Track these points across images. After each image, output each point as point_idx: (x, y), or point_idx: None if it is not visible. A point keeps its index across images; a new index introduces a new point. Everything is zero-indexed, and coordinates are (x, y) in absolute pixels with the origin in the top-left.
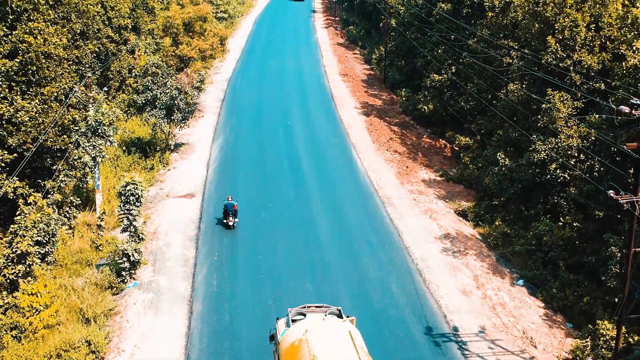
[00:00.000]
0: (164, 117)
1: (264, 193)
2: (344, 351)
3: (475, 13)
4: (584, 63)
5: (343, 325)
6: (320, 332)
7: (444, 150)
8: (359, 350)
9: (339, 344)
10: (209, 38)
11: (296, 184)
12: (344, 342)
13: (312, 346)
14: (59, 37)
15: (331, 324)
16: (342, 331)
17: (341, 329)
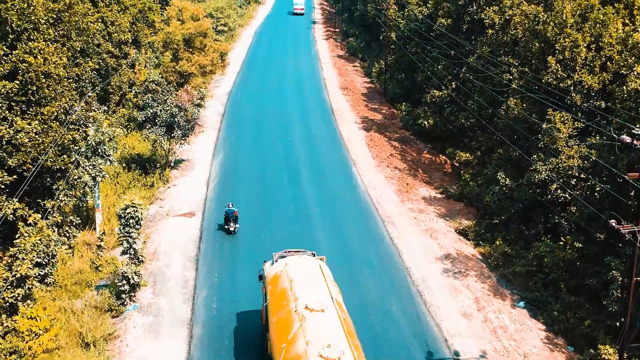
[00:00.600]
0: (164, 134)
1: (264, 211)
2: (314, 277)
3: (475, 29)
4: (585, 83)
5: (315, 261)
6: (296, 265)
7: (444, 166)
8: (326, 277)
9: (310, 273)
10: (209, 54)
11: (296, 201)
12: (315, 272)
13: (290, 274)
14: (59, 56)
15: (305, 260)
16: (313, 265)
17: (313, 263)
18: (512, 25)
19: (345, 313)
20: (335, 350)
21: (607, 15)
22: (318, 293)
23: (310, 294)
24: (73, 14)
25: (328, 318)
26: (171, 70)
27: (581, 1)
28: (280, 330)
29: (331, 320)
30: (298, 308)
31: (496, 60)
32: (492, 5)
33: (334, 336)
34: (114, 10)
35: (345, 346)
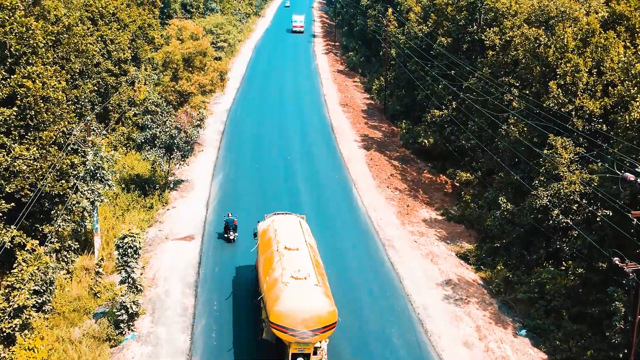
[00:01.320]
0: (163, 156)
1: None
2: (294, 229)
3: (476, 49)
4: (586, 108)
5: (296, 218)
6: (281, 221)
7: (444, 186)
8: (303, 229)
9: (291, 226)
10: (208, 73)
11: None
12: (295, 226)
13: (275, 226)
14: (58, 79)
15: (289, 217)
16: (294, 221)
17: (294, 220)
18: (513, 47)
19: (316, 253)
20: (303, 273)
21: (608, 40)
22: (295, 238)
23: (289, 239)
24: (72, 35)
25: (301, 255)
26: (171, 89)
27: (582, 25)
28: (265, 265)
29: (303, 256)
30: (279, 249)
31: (496, 81)
32: (493, 26)
33: (304, 265)
34: (113, 29)
35: (311, 271)
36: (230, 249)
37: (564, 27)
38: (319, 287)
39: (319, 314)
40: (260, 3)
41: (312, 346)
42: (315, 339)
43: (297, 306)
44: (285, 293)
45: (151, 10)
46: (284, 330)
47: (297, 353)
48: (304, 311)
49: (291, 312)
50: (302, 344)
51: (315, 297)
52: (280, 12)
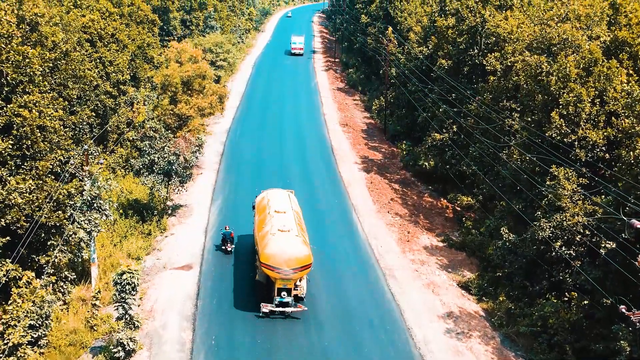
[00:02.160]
0: (161, 182)
1: None
2: (283, 199)
3: (477, 72)
4: (589, 139)
5: (286, 192)
6: (273, 193)
7: (445, 211)
8: (291, 199)
9: (281, 197)
10: (207, 96)
11: None
12: (284, 197)
13: (268, 197)
14: (55, 107)
15: (280, 191)
16: (284, 194)
17: (284, 193)
18: (514, 72)
19: (300, 216)
20: (287, 227)
21: (611, 70)
22: (283, 205)
23: (279, 205)
24: (69, 61)
25: (287, 216)
26: (169, 112)
27: (585, 54)
28: (259, 224)
29: (288, 217)
30: (270, 212)
31: (498, 106)
32: (494, 51)
33: (288, 223)
34: (112, 50)
35: (294, 227)
36: (228, 279)
37: (566, 56)
38: (299, 237)
39: (298, 256)
40: (260, 18)
41: (293, 282)
42: (295, 276)
43: (281, 250)
44: (273, 241)
45: (150, 29)
46: (271, 268)
47: (281, 288)
48: (286, 254)
49: (276, 254)
50: (285, 280)
51: (295, 244)
52: (280, 27)
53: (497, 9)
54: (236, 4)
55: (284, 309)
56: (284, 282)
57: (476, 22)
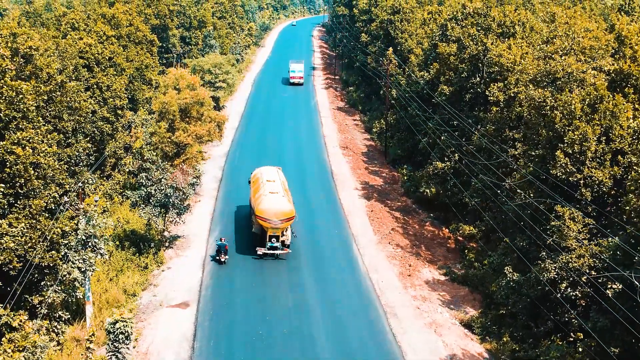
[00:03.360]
0: (158, 215)
1: (263, 304)
2: (273, 172)
3: (479, 100)
4: (595, 178)
5: (275, 168)
6: (265, 169)
7: (447, 241)
8: (279, 173)
9: (272, 172)
10: (206, 123)
11: (296, 291)
12: (274, 172)
13: (261, 171)
14: (50, 142)
15: (270, 167)
16: (274, 169)
17: (274, 168)
18: (518, 102)
19: (285, 185)
20: (275, 190)
21: (617, 107)
22: (273, 176)
23: (269, 176)
24: (65, 93)
25: (276, 183)
26: (167, 140)
27: (590, 90)
28: (254, 190)
29: (277, 184)
30: (263, 181)
31: (501, 137)
32: (497, 81)
33: (277, 188)
34: (109, 75)
35: (281, 191)
36: (226, 320)
37: (571, 91)
38: (285, 197)
39: (284, 210)
40: (260, 33)
41: (280, 231)
42: (282, 225)
43: (272, 206)
44: (265, 199)
45: (149, 49)
46: (264, 219)
47: (271, 235)
48: (275, 209)
49: (268, 209)
50: (274, 228)
51: (282, 202)
52: (280, 41)
53: (500, 36)
54: (236, 20)
55: (274, 251)
56: (274, 231)
57: (478, 50)
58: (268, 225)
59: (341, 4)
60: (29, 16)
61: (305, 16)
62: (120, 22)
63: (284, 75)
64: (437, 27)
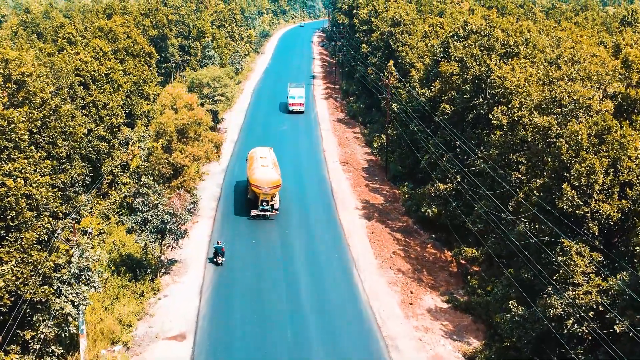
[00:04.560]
0: (154, 241)
1: (261, 334)
2: (265, 151)
3: (482, 121)
4: (602, 212)
5: (268, 148)
6: (259, 148)
7: (449, 265)
8: (270, 152)
9: (264, 150)
10: (204, 144)
11: (295, 322)
12: (266, 150)
13: (255, 150)
14: (43, 170)
15: (264, 148)
16: (267, 149)
17: (266, 148)
18: (521, 126)
19: (274, 160)
20: (266, 164)
21: (625, 138)
22: (265, 154)
23: (262, 154)
24: (59, 118)
25: (267, 159)
26: (164, 162)
27: (598, 119)
28: (250, 164)
29: (268, 160)
30: (256, 157)
31: (504, 161)
32: (500, 103)
33: (267, 162)
34: (105, 92)
35: (271, 165)
36: (222, 352)
37: (578, 121)
38: (273, 170)
39: (273, 179)
40: (260, 40)
41: (270, 195)
42: (271, 191)
43: (263, 176)
44: (258, 171)
45: (147, 62)
46: (256, 187)
47: (263, 199)
48: (265, 178)
49: (260, 178)
50: (265, 194)
51: (271, 173)
52: (279, 47)
53: (503, 56)
54: (235, 28)
55: (265, 213)
56: (265, 196)
57: (481, 71)
58: (260, 192)
59: (341, 13)
60: (26, 26)
61: (305, 21)
62: (117, 36)
63: (283, 85)
64: (438, 41)
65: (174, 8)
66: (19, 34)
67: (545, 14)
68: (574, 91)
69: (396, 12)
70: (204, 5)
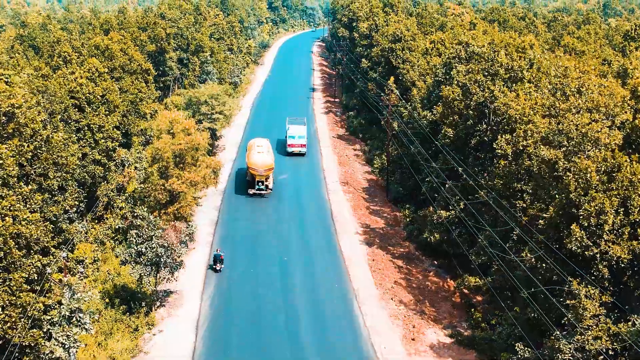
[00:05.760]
0: (149, 274)
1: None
2: (262, 141)
3: (485, 148)
4: (613, 254)
5: (265, 139)
6: (257, 139)
7: (452, 295)
8: (266, 142)
9: (261, 140)
10: (201, 169)
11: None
12: (263, 140)
13: (254, 140)
14: (33, 206)
15: (261, 138)
16: (264, 139)
17: (264, 139)
18: (527, 155)
19: (269, 148)
20: (262, 151)
21: (635, 175)
22: (262, 144)
23: (259, 143)
24: (50, 149)
25: (263, 147)
26: (160, 188)
27: (607, 155)
28: (249, 151)
29: (263, 148)
30: (254, 146)
31: (509, 191)
32: (505, 131)
33: (263, 150)
34: (101, 115)
35: (266, 151)
36: None
37: (585, 154)
38: (267, 155)
39: (266, 163)
40: (259, 51)
41: (264, 177)
42: (265, 173)
43: (258, 160)
44: (254, 156)
45: (144, 78)
46: (253, 169)
47: (259, 180)
48: (261, 161)
49: (256, 162)
50: (260, 175)
51: (266, 158)
52: (279, 58)
53: (508, 81)
54: (234, 41)
55: (260, 192)
56: (260, 177)
57: (485, 97)
58: (256, 173)
59: (341, 25)
60: (22, 40)
61: (305, 29)
62: (114, 54)
63: (283, 97)
64: (440, 60)
65: (173, 21)
66: (15, 49)
67: (546, 25)
68: (581, 124)
69: (397, 28)
70: (203, 16)
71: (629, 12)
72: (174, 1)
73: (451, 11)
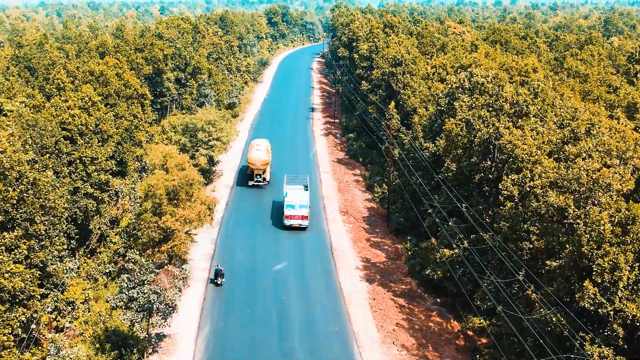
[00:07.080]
0: (141, 320)
1: None
2: (262, 140)
3: (490, 185)
4: (628, 313)
5: (265, 140)
6: (258, 139)
7: (456, 337)
8: (265, 142)
9: (261, 140)
10: (196, 205)
11: None
12: (263, 140)
13: (255, 140)
14: (18, 256)
15: (261, 139)
16: (264, 140)
17: (264, 140)
18: (534, 197)
19: (268, 147)
20: (260, 149)
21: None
22: (261, 143)
23: (259, 142)
24: (37, 192)
25: (261, 146)
26: (153, 226)
27: (620, 206)
28: (250, 150)
29: (262, 146)
30: (254, 145)
31: (515, 234)
32: (510, 171)
33: (261, 148)
34: (94, 146)
35: (263, 149)
36: None
37: (597, 200)
38: (266, 152)
39: (263, 159)
40: (258, 68)
41: (261, 170)
42: (262, 167)
43: (256, 156)
44: (253, 153)
45: (141, 102)
46: (251, 164)
47: (257, 173)
48: (258, 157)
49: (254, 157)
50: (258, 169)
51: (262, 154)
52: (278, 76)
53: (513, 116)
54: (232, 61)
55: (258, 183)
56: (258, 171)
57: (489, 133)
58: (254, 167)
59: (341, 44)
60: (18, 61)
61: (305, 44)
62: (109, 80)
63: (281, 117)
64: (441, 86)
65: (170, 41)
66: (11, 71)
67: (548, 45)
68: (592, 169)
69: (397, 51)
70: (202, 34)
71: (631, 28)
72: (172, 20)
73: (452, 30)
